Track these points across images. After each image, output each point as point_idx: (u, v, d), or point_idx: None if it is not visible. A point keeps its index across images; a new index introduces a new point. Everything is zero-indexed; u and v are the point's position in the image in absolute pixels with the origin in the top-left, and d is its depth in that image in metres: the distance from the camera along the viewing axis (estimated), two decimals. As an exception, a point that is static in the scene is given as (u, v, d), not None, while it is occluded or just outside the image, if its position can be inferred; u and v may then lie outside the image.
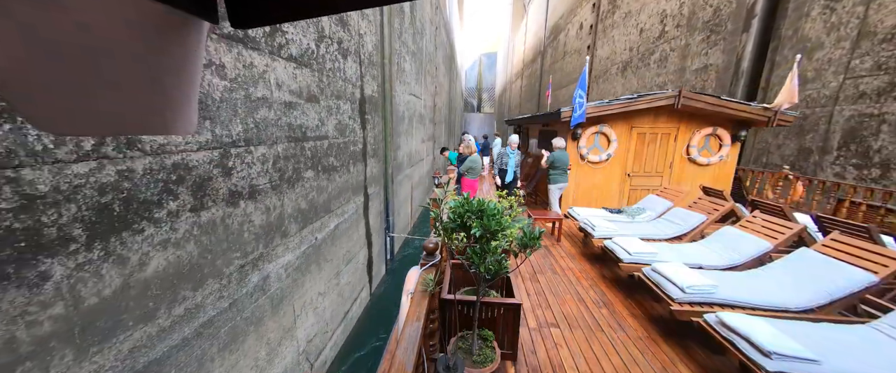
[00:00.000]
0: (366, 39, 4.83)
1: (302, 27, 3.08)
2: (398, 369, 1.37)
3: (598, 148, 5.90)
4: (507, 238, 1.79)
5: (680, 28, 8.75)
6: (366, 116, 4.93)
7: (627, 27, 11.24)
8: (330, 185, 3.85)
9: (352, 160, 4.49)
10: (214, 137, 2.13)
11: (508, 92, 31.46)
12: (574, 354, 2.42)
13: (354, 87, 4.48)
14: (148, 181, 1.69)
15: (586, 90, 5.16)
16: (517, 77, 27.34)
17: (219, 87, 2.13)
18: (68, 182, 1.37)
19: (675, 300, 2.51)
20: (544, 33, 20.00)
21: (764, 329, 1.97)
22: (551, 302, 3.12)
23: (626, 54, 11.27)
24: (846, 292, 2.42)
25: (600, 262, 4.01)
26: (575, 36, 15.33)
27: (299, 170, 3.16)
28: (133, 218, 1.62)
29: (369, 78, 5.03)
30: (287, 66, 2.90)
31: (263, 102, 2.61)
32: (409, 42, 7.81)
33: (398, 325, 2.61)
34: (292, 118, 3.02)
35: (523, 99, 23.84)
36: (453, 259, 2.79)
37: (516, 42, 28.73)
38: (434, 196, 2.50)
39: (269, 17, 0.45)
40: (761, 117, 5.15)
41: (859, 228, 2.99)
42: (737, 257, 3.21)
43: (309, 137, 3.31)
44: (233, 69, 2.25)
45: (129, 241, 1.59)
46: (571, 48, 15.62)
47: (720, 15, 7.47)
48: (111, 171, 1.52)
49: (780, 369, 1.76)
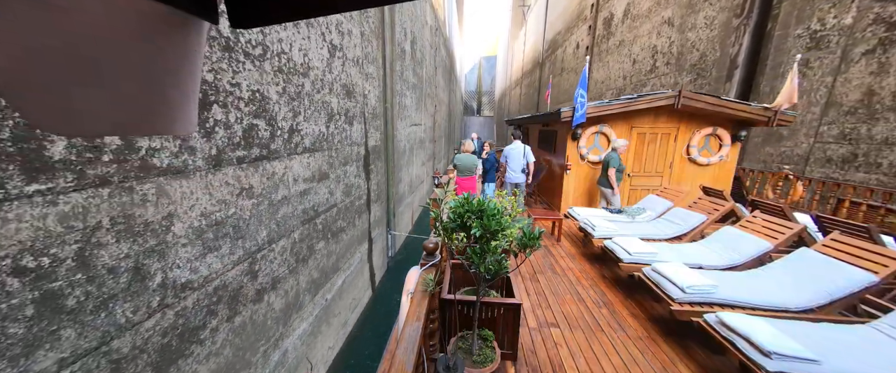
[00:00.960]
0: (370, 97, 4.92)
1: (314, 116, 3.26)
2: (398, 369, 1.37)
3: (597, 148, 5.89)
4: (507, 238, 1.79)
5: (670, 66, 8.81)
6: (370, 168, 5.02)
7: (621, 55, 11.30)
8: (338, 246, 3.97)
9: (357, 214, 4.59)
10: (246, 251, 2.35)
11: (508, 97, 31.43)
12: (574, 354, 2.42)
13: (360, 146, 4.59)
14: (196, 311, 1.93)
15: (587, 90, 5.16)
16: (516, 85, 27.33)
17: (247, 207, 2.36)
18: (142, 337, 1.62)
19: (675, 300, 2.51)
20: (542, 46, 20.01)
21: (764, 329, 1.96)
22: (551, 302, 3.12)
23: (620, 81, 11.34)
24: (846, 292, 2.42)
25: (600, 262, 4.01)
26: (572, 54, 15.34)
27: (312, 246, 3.33)
28: (185, 346, 1.85)
29: (372, 129, 5.11)
30: (302, 159, 3.08)
31: (283, 201, 2.81)
32: (410, 77, 7.88)
33: (398, 325, 2.61)
34: (306, 203, 3.20)
35: (522, 107, 23.83)
36: (453, 259, 2.79)
37: (516, 49, 28.71)
38: (434, 196, 2.50)
39: (269, 17, 0.45)
40: (761, 117, 5.15)
41: (859, 228, 2.99)
42: (737, 257, 3.21)
43: (320, 212, 3.47)
44: (259, 186, 2.48)
45: (183, 366, 1.83)
46: (569, 66, 15.60)
47: (706, 61, 7.55)
48: (170, 315, 1.77)
49: (780, 369, 1.76)
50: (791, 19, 5.94)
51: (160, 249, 1.71)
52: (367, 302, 5.03)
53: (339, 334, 3.97)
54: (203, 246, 1.98)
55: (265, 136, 2.53)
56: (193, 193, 1.91)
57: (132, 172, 1.57)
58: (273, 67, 2.59)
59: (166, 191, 1.74)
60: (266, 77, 2.50)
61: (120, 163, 1.51)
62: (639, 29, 10.20)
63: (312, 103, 3.22)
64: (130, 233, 1.57)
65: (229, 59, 2.13)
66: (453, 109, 22.64)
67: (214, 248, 2.07)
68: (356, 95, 4.34)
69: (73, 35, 0.29)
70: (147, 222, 1.64)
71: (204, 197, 1.99)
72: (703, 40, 7.69)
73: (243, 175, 2.30)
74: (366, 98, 4.71)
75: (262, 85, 2.46)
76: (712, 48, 7.36)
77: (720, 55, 7.12)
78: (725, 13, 7.01)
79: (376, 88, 5.22)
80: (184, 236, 1.85)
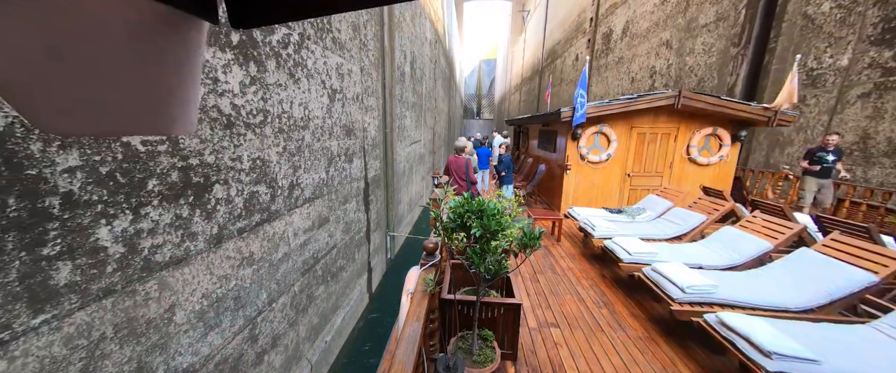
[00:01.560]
0: (369, 129, 4.80)
1: (314, 164, 3.16)
2: (398, 369, 1.37)
3: (598, 148, 5.89)
4: (507, 238, 1.79)
5: (668, 88, 8.78)
6: (369, 198, 4.89)
7: (620, 72, 11.32)
8: (337, 286, 3.86)
9: (356, 248, 4.45)
10: (246, 318, 2.30)
11: (507, 101, 31.45)
12: (574, 354, 2.42)
13: (359, 181, 4.46)
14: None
15: (587, 90, 5.16)
16: (516, 90, 27.34)
17: (248, 276, 2.30)
18: None
19: (675, 300, 2.51)
20: (542, 54, 20.01)
21: (764, 329, 1.96)
22: (551, 302, 3.12)
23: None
24: (846, 292, 2.42)
25: (600, 262, 4.01)
26: (571, 66, 15.35)
27: (312, 293, 3.23)
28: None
29: (372, 160, 4.99)
30: (302, 211, 3.00)
31: (284, 258, 2.73)
32: (410, 97, 7.75)
33: (398, 325, 2.61)
34: (306, 253, 3.09)
35: (522, 113, 23.86)
36: (453, 259, 2.79)
37: (515, 54, 28.71)
38: (434, 196, 2.50)
39: (269, 17, 0.45)
40: (761, 117, 5.15)
41: (859, 228, 2.99)
42: (737, 257, 3.21)
43: (320, 258, 3.37)
44: (260, 251, 2.42)
45: None
46: (568, 77, 15.63)
47: (704, 86, 7.57)
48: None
49: (780, 369, 1.76)
50: (788, 54, 5.99)
51: (162, 342, 1.68)
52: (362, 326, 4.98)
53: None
54: (205, 326, 1.94)
55: (266, 199, 2.48)
56: (195, 276, 1.88)
57: (135, 275, 1.54)
58: (274, 130, 2.53)
59: (168, 283, 1.71)
60: (267, 141, 2.46)
61: (123, 269, 1.49)
62: (637, 48, 10.18)
63: (313, 153, 3.14)
64: (133, 335, 1.54)
65: (231, 135, 2.10)
66: (453, 115, 22.57)
67: (216, 325, 2.03)
68: (356, 131, 4.25)
69: (72, 35, 0.29)
70: (149, 320, 1.61)
71: (205, 278, 1.95)
72: (701, 66, 7.68)
73: (244, 244, 2.25)
74: (366, 131, 4.62)
75: (262, 150, 2.42)
76: (710, 74, 7.36)
77: (718, 82, 7.12)
78: (723, 41, 6.99)
79: (376, 118, 5.10)
80: (186, 323, 1.82)
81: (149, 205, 1.61)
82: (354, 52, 4.13)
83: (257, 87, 2.34)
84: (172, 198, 1.74)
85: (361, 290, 4.71)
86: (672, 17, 8.64)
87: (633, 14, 10.38)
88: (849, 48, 5.19)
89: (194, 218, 1.88)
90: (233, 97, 2.11)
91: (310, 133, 3.08)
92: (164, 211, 1.70)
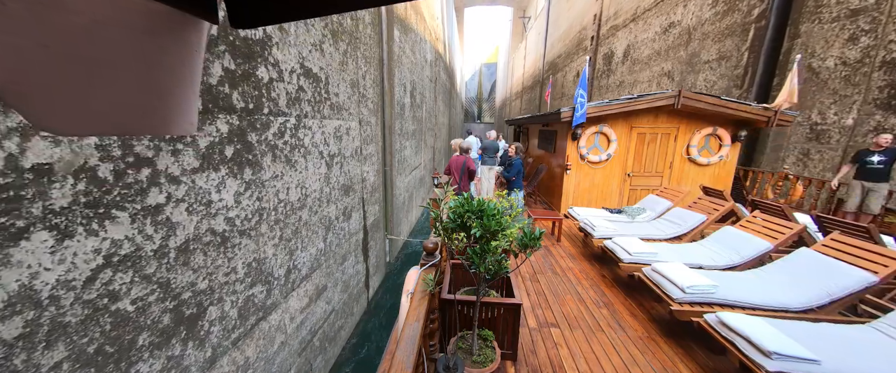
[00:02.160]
0: (368, 176, 4.57)
1: (312, 239, 3.01)
2: (398, 369, 1.37)
3: (598, 148, 5.89)
4: (507, 238, 1.79)
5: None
6: (368, 245, 4.69)
7: (621, 95, 11.20)
8: (335, 348, 3.69)
9: (355, 301, 4.26)
10: None
11: (508, 107, 31.43)
12: (574, 354, 2.42)
13: (358, 233, 4.26)
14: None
15: (587, 90, 5.16)
16: (517, 97, 27.31)
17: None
18: None
19: (675, 300, 2.51)
20: (542, 65, 19.98)
21: (764, 329, 1.96)
22: (551, 302, 3.12)
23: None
24: (846, 292, 2.42)
25: (600, 262, 4.01)
26: (572, 82, 15.26)
27: (311, 368, 3.10)
28: None
29: (371, 205, 4.75)
30: (299, 291, 2.87)
31: (280, 348, 2.60)
32: (409, 126, 7.45)
33: (398, 325, 2.61)
34: (303, 331, 2.94)
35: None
36: (453, 259, 2.79)
37: (516, 60, 28.69)
38: (434, 196, 2.50)
39: (269, 17, 0.45)
40: (761, 117, 5.15)
41: (859, 228, 2.99)
42: (737, 257, 3.21)
43: (316, 331, 3.23)
44: (255, 354, 2.31)
45: None
46: (569, 93, 15.53)
47: None
48: None
49: (780, 369, 1.76)
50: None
51: None
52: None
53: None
54: None
55: (261, 298, 2.36)
56: None
57: None
58: (269, 225, 2.43)
59: None
60: (262, 240, 2.35)
61: None
62: (639, 74, 10.08)
63: (310, 229, 3.00)
64: None
65: (225, 251, 2.01)
66: (454, 123, 22.19)
67: None
68: (354, 186, 4.04)
69: (73, 35, 0.29)
70: None
71: None
72: (703, 103, 7.57)
73: (239, 354, 2.15)
74: (364, 182, 4.39)
75: (258, 250, 2.31)
76: (714, 113, 7.26)
77: (722, 123, 7.04)
78: (725, 81, 6.89)
79: (375, 164, 4.85)
80: None
81: (140, 361, 1.54)
82: (353, 108, 3.95)
83: (253, 190, 2.25)
84: (163, 343, 1.66)
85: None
86: (674, 49, 8.52)
87: (635, 39, 10.28)
88: (854, 108, 5.03)
89: (187, 351, 1.79)
90: (227, 212, 2.03)
91: (307, 210, 2.94)
92: (155, 360, 1.62)
